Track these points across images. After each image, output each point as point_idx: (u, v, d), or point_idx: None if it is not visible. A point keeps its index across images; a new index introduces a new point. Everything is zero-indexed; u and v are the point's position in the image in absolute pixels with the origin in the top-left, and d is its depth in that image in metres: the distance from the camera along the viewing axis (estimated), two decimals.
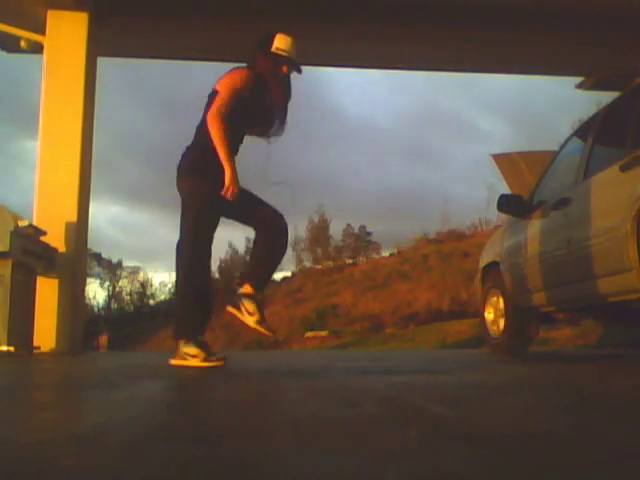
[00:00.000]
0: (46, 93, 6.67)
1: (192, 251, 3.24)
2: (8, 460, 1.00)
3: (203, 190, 3.24)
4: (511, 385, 2.47)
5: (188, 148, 3.39)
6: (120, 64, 9.70)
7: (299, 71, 3.53)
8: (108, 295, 33.95)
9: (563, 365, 3.97)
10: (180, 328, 3.24)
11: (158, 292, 35.11)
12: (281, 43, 3.44)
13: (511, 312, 4.94)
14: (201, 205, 3.25)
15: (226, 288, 30.31)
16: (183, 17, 7.05)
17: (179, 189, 3.33)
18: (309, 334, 20.53)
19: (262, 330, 3.37)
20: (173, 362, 3.20)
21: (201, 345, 3.18)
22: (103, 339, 21.83)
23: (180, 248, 3.29)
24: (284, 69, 3.45)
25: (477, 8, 6.70)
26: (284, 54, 3.43)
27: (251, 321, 3.30)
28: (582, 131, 4.64)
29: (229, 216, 3.44)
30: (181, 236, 3.30)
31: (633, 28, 6.79)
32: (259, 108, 3.40)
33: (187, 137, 3.48)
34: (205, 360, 3.12)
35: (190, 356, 3.14)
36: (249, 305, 3.32)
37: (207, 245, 3.31)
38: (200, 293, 3.25)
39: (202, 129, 3.35)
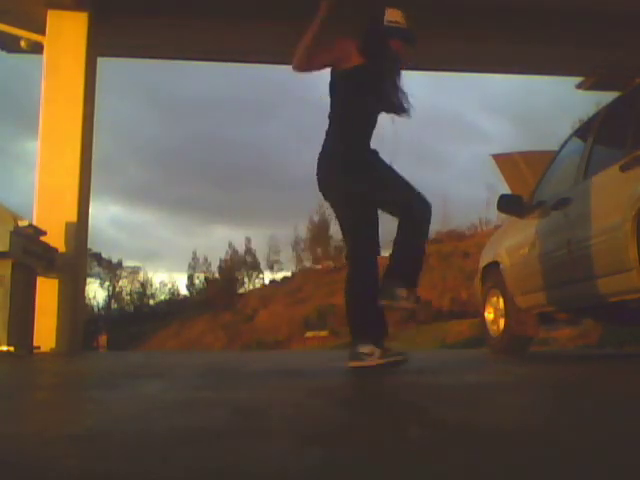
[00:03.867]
0: (46, 93, 6.67)
1: (357, 251, 3.10)
2: (9, 460, 1.00)
3: (356, 186, 3.08)
4: (511, 385, 2.46)
5: (324, 145, 3.19)
6: (121, 64, 9.70)
7: (413, 42, 3.24)
8: (108, 295, 33.91)
9: (563, 365, 3.97)
10: (357, 332, 3.06)
11: (158, 292, 35.05)
12: (392, 15, 3.18)
13: (511, 312, 4.93)
14: (357, 202, 3.08)
15: (226, 288, 30.29)
16: (183, 17, 7.06)
17: (327, 194, 3.18)
18: (309, 334, 20.51)
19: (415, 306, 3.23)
20: (351, 364, 3.00)
21: (375, 342, 3.00)
22: (102, 339, 21.82)
23: (348, 253, 3.17)
24: (395, 44, 3.19)
25: (477, 8, 6.70)
26: (396, 25, 3.16)
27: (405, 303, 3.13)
28: (582, 131, 4.64)
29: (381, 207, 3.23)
30: (345, 242, 3.19)
31: (633, 28, 6.79)
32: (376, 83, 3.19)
33: (188, 137, 3.39)
34: (383, 356, 2.93)
35: (366, 355, 2.95)
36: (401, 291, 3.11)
37: (371, 242, 3.10)
38: (373, 293, 3.08)
39: (334, 117, 3.18)
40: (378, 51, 3.17)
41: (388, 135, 3.32)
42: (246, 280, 32.37)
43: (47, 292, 6.23)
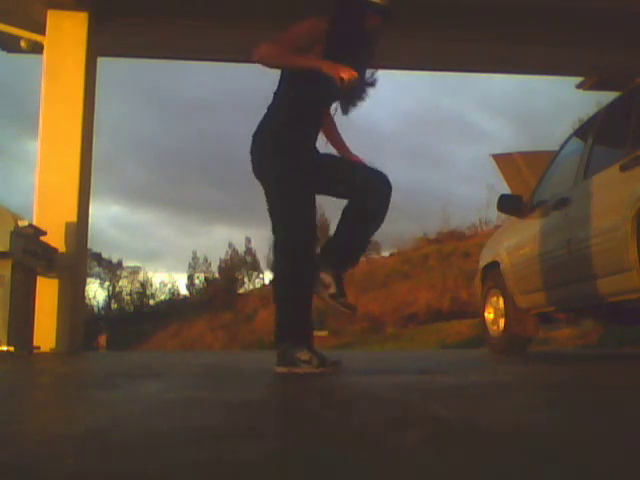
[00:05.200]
0: (46, 93, 6.67)
1: (292, 244, 2.75)
2: (9, 460, 1.00)
3: (287, 170, 2.76)
4: (511, 385, 2.45)
5: (262, 121, 2.84)
6: (121, 64, 9.69)
7: (394, 18, 2.86)
8: (108, 295, 33.84)
9: (563, 365, 3.96)
10: (287, 332, 2.75)
11: (158, 292, 35.00)
12: None
13: (511, 312, 4.93)
14: (289, 187, 2.76)
15: (226, 288, 30.25)
16: (183, 17, 7.05)
17: (258, 173, 2.84)
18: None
19: (338, 306, 2.80)
20: (280, 370, 2.74)
21: (313, 349, 2.74)
22: (102, 339, 21.81)
23: (277, 243, 2.81)
24: (374, 21, 2.82)
25: (477, 8, 6.69)
26: (378, 2, 2.80)
27: (325, 294, 2.78)
28: (582, 131, 4.64)
29: (325, 192, 2.92)
30: (274, 230, 2.81)
31: (633, 28, 6.78)
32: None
33: (188, 137, 3.28)
34: (320, 366, 2.68)
35: (302, 362, 2.68)
36: (326, 276, 2.77)
37: (309, 231, 2.80)
38: (309, 292, 2.80)
39: (277, 94, 2.86)
40: (349, 32, 2.81)
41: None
42: (246, 280, 32.34)
43: (47, 292, 6.22)
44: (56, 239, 6.21)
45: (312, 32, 2.79)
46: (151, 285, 34.55)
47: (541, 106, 34.88)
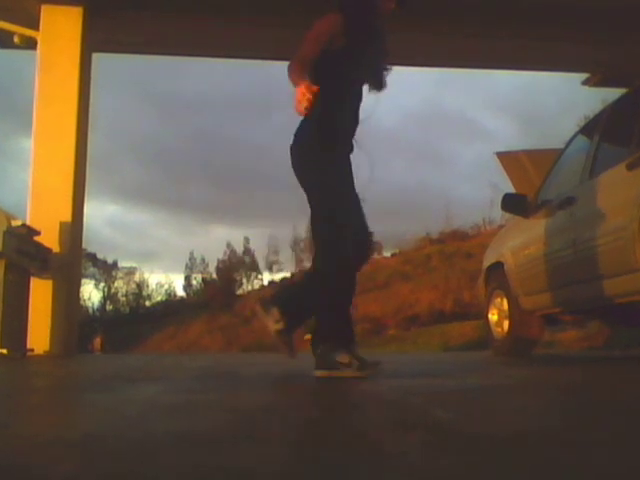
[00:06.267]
0: (40, 90, 6.60)
1: (339, 244, 2.73)
2: (5, 464, 0.98)
3: (335, 165, 2.79)
4: (515, 388, 2.46)
5: (299, 129, 2.85)
6: (116, 60, 9.61)
7: (404, 3, 2.91)
8: (103, 296, 33.81)
9: (568, 368, 3.97)
10: (328, 334, 2.76)
11: (154, 293, 34.97)
12: None
13: (515, 314, 4.88)
14: (338, 182, 2.78)
15: (224, 290, 30.26)
16: (179, 12, 6.99)
17: (303, 165, 2.84)
18: (309, 336, 20.49)
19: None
20: (319, 373, 2.69)
21: (353, 352, 2.71)
22: (97, 341, 21.79)
23: (324, 245, 2.81)
24: (388, 5, 2.89)
25: (480, 4, 6.65)
26: None
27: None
28: (588, 129, 4.61)
29: None
30: (317, 223, 2.81)
31: (638, 25, 6.74)
32: (361, 57, 2.86)
33: (186, 136, 3.22)
34: (360, 369, 2.65)
35: (342, 365, 2.65)
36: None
37: (349, 231, 2.79)
38: (351, 293, 2.85)
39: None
40: (363, 22, 2.84)
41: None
42: (244, 281, 32.33)
43: (41, 293, 6.15)
44: (50, 239, 6.14)
45: (331, 28, 2.84)
46: (147, 286, 34.54)
47: (546, 103, 34.83)
